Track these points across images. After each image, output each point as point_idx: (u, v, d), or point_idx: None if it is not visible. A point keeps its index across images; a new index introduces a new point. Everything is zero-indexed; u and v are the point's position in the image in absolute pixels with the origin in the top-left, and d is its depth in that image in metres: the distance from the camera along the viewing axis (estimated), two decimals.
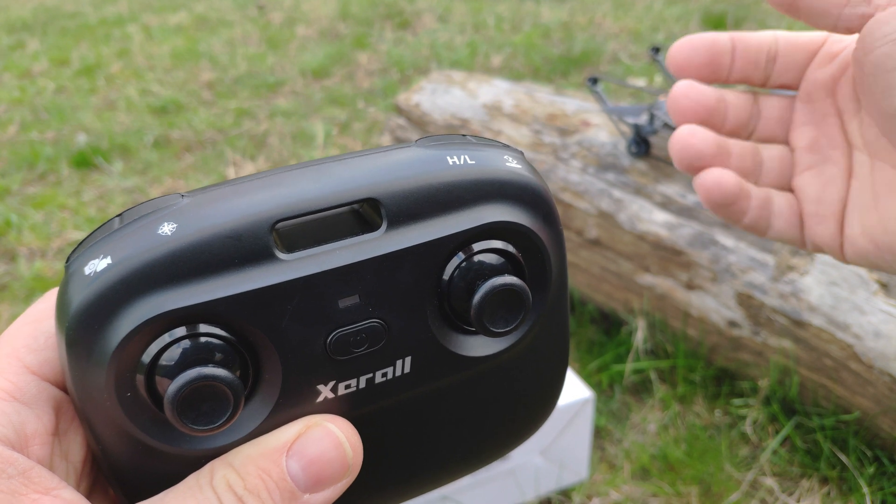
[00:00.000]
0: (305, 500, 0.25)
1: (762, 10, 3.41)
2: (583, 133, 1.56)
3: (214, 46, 3.61)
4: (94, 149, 2.56)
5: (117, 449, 0.25)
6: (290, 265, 0.24)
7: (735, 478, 1.24)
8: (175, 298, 0.23)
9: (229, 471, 0.24)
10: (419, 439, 0.30)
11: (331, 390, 0.26)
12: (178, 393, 0.23)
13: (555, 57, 3.10)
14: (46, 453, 0.25)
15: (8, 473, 0.24)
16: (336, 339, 0.26)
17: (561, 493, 1.23)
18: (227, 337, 0.24)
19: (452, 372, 0.28)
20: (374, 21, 3.80)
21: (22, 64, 3.51)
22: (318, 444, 0.25)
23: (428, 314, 0.27)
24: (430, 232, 0.26)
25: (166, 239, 0.23)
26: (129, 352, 0.23)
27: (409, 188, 0.26)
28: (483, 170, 0.28)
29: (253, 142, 2.62)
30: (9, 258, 2.01)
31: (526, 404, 0.33)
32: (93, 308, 0.23)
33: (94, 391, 0.24)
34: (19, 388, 0.25)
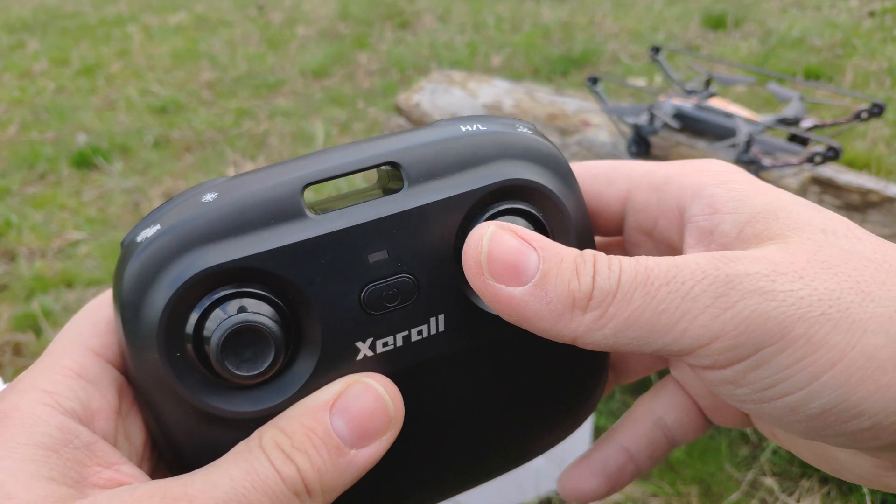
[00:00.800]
0: (352, 455, 0.26)
1: (762, 10, 3.41)
2: (583, 133, 1.56)
3: (214, 46, 3.61)
4: (94, 149, 2.56)
5: (170, 417, 0.26)
6: (319, 222, 0.26)
7: (735, 478, 1.24)
8: (217, 255, 0.25)
9: (276, 431, 0.25)
10: (463, 415, 0.31)
11: (369, 348, 0.27)
12: (221, 336, 0.25)
13: (555, 57, 3.10)
14: (111, 429, 0.27)
15: (73, 445, 0.25)
16: (369, 292, 0.27)
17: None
18: (267, 295, 0.26)
19: (486, 332, 0.29)
20: (374, 21, 3.80)
21: (22, 64, 3.51)
22: (360, 399, 0.26)
23: (457, 273, 0.28)
24: (449, 189, 0.28)
25: (208, 204, 0.26)
26: (177, 309, 0.25)
27: (426, 150, 0.28)
28: (495, 133, 0.29)
29: (253, 142, 2.62)
30: (9, 258, 2.01)
31: (570, 385, 0.33)
32: (144, 269, 0.25)
33: (146, 355, 0.25)
34: (84, 367, 0.27)
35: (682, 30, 3.31)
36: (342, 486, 0.26)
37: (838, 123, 1.38)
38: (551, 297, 0.25)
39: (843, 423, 0.24)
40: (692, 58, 2.49)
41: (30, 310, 1.76)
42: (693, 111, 1.42)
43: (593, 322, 0.25)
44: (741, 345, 0.24)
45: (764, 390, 0.25)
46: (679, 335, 0.24)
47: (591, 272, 0.25)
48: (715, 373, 0.25)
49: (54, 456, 0.24)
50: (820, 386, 0.24)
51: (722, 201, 0.28)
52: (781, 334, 0.24)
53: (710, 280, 0.24)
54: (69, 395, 0.26)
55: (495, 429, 0.32)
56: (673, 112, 1.42)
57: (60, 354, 0.27)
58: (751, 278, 0.24)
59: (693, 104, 1.43)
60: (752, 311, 0.24)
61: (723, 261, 0.25)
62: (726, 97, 1.98)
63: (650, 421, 0.36)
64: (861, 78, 2.64)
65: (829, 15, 3.26)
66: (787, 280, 0.24)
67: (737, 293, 0.24)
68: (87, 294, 1.83)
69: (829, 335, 0.24)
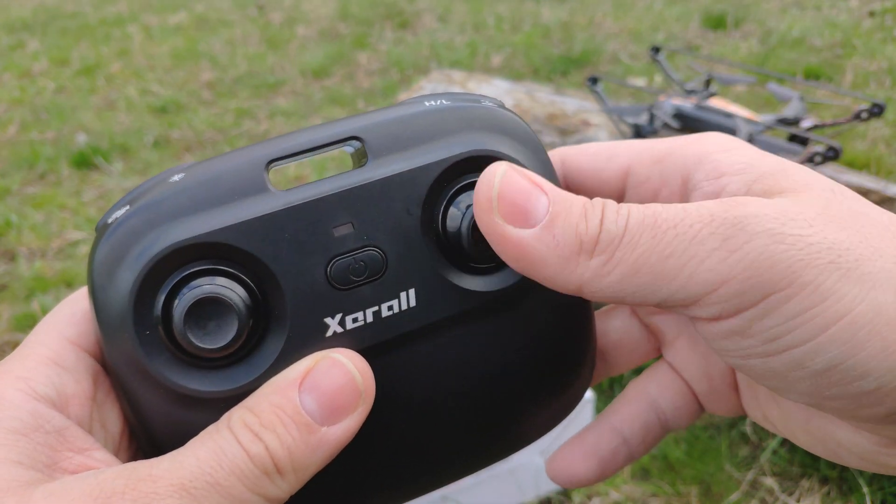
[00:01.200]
0: (323, 432, 0.25)
1: (762, 10, 3.41)
2: (583, 133, 1.57)
3: (214, 46, 3.61)
4: (94, 149, 2.56)
5: (143, 399, 0.26)
6: (283, 196, 0.26)
7: (735, 478, 1.24)
8: (183, 231, 0.25)
9: (244, 411, 0.25)
10: (440, 396, 0.30)
11: (339, 324, 0.27)
12: (183, 308, 0.25)
13: (555, 57, 3.10)
14: (86, 415, 0.26)
15: (45, 429, 0.25)
16: (335, 266, 0.27)
17: (561, 494, 1.23)
18: (234, 272, 0.26)
19: (458, 306, 0.29)
20: (374, 21, 3.80)
21: (22, 64, 3.51)
22: (328, 374, 0.26)
23: (426, 246, 0.28)
24: (413, 160, 0.28)
25: (175, 183, 0.26)
26: (145, 286, 0.25)
27: (390, 125, 0.28)
28: (460, 107, 0.29)
29: (253, 142, 2.62)
30: (9, 258, 2.01)
31: (555, 365, 0.32)
32: (114, 248, 0.25)
33: (117, 335, 0.25)
34: (59, 354, 0.27)
35: (682, 30, 3.30)
36: (314, 464, 0.25)
37: (838, 123, 1.38)
38: (558, 240, 0.25)
39: (847, 383, 0.24)
40: (692, 58, 2.49)
41: (30, 310, 1.76)
42: (693, 111, 1.42)
43: (599, 267, 0.25)
44: (748, 289, 0.24)
45: (769, 342, 0.24)
46: (685, 281, 0.24)
47: (600, 216, 0.25)
48: (721, 324, 0.25)
49: (24, 440, 0.24)
50: (827, 339, 0.23)
51: (727, 165, 0.28)
52: (790, 280, 0.23)
53: (719, 222, 0.24)
54: (43, 380, 0.26)
55: (478, 413, 0.31)
56: (673, 112, 1.42)
57: (36, 343, 0.27)
58: (759, 220, 0.24)
59: (693, 104, 1.43)
60: (760, 252, 0.23)
61: (732, 204, 0.24)
62: (726, 97, 1.98)
63: (645, 403, 0.35)
64: (861, 78, 2.64)
65: (829, 15, 3.26)
66: (797, 226, 0.24)
67: (745, 234, 0.24)
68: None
69: (838, 285, 0.23)
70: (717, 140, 0.29)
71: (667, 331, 0.36)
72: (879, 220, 0.25)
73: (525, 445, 0.33)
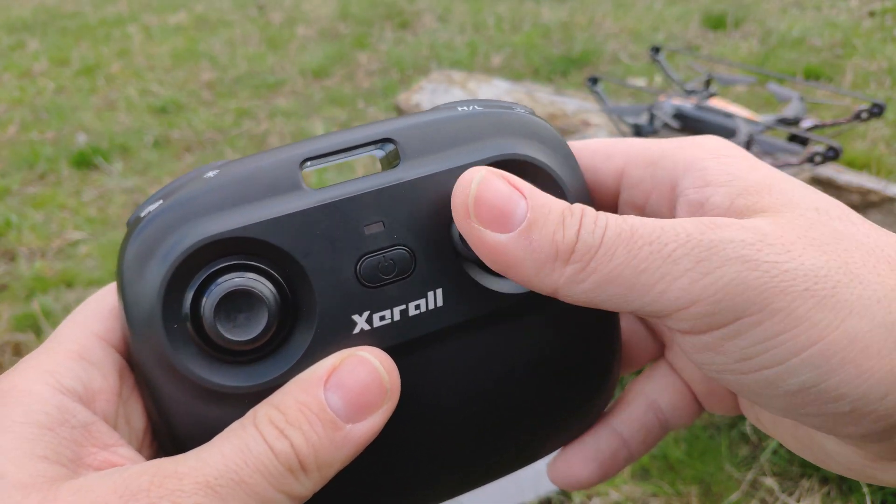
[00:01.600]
0: (348, 430, 0.25)
1: (762, 10, 3.41)
2: (583, 133, 1.57)
3: (214, 46, 3.61)
4: (94, 149, 2.56)
5: (168, 394, 0.26)
6: (316, 195, 0.27)
7: (735, 477, 1.24)
8: (215, 226, 0.25)
9: (270, 408, 0.25)
10: (466, 398, 0.30)
11: (366, 321, 0.27)
12: (214, 300, 0.25)
13: (555, 57, 3.10)
14: (112, 411, 0.26)
15: (70, 424, 0.25)
16: (364, 264, 0.27)
17: (561, 494, 1.23)
18: (264, 267, 0.26)
19: (485, 307, 0.29)
20: (374, 21, 3.80)
21: (22, 64, 3.51)
22: (354, 372, 0.26)
23: (454, 246, 0.28)
24: (446, 162, 0.28)
25: (209, 179, 0.26)
26: (175, 280, 0.25)
27: (424, 128, 0.29)
28: (492, 112, 0.30)
29: (253, 142, 2.62)
30: (9, 258, 2.01)
31: (580, 372, 0.32)
32: (147, 241, 0.26)
33: (145, 329, 0.25)
34: (86, 349, 0.27)
35: (682, 30, 3.30)
36: (339, 461, 0.25)
37: (838, 123, 1.38)
38: (535, 246, 0.25)
39: (822, 405, 0.24)
40: (692, 58, 2.49)
41: (30, 310, 1.76)
42: (693, 111, 1.42)
43: (574, 275, 0.25)
44: (719, 311, 0.24)
45: (742, 361, 0.25)
46: (657, 296, 0.24)
47: (577, 226, 0.25)
48: (693, 338, 0.25)
49: (50, 434, 0.24)
50: (799, 362, 0.23)
51: (714, 174, 0.28)
52: (761, 305, 0.23)
53: (694, 244, 0.24)
54: (70, 374, 0.26)
55: (503, 416, 0.31)
56: (673, 112, 1.42)
57: (64, 338, 0.27)
58: (734, 245, 0.24)
59: (693, 104, 1.43)
60: (731, 278, 0.23)
61: (709, 226, 0.25)
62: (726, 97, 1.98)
63: (644, 404, 0.35)
64: (861, 78, 2.64)
65: (829, 15, 3.26)
66: (773, 251, 0.24)
67: (718, 259, 0.24)
68: (86, 294, 1.83)
69: (812, 312, 0.23)
70: (710, 145, 0.29)
71: (667, 333, 0.36)
72: (864, 242, 0.25)
73: (551, 451, 0.33)
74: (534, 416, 0.31)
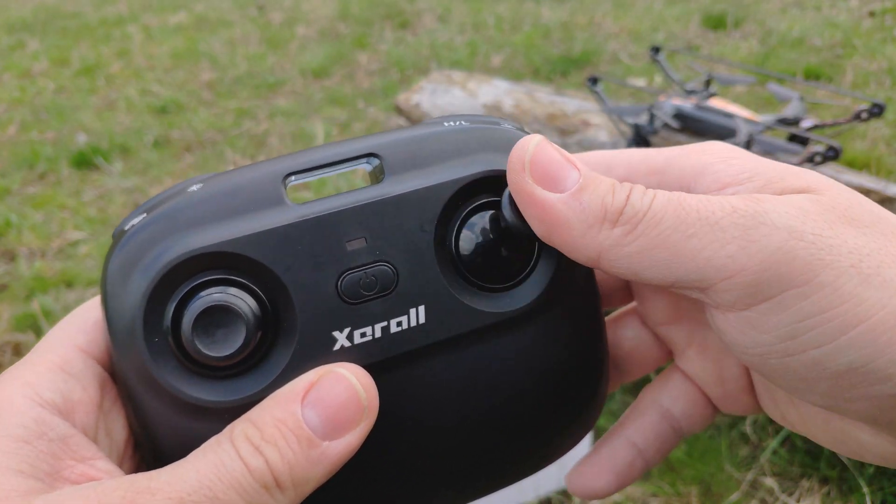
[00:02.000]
0: (325, 447, 0.25)
1: (762, 10, 3.41)
2: (583, 133, 1.56)
3: (214, 46, 3.61)
4: (94, 149, 2.56)
5: (149, 408, 0.26)
6: (298, 209, 0.27)
7: (735, 478, 1.24)
8: (197, 240, 0.25)
9: (246, 424, 0.25)
10: (447, 416, 0.29)
11: (346, 338, 0.27)
12: (192, 315, 0.25)
13: (555, 57, 3.10)
14: (91, 423, 0.27)
15: (48, 437, 0.25)
16: (346, 280, 0.27)
17: (561, 493, 1.23)
18: (245, 282, 0.26)
19: (468, 325, 0.28)
20: (374, 21, 3.80)
21: (22, 64, 3.51)
22: (332, 389, 0.26)
23: (438, 264, 0.28)
24: (429, 178, 0.28)
25: (192, 193, 0.27)
26: (157, 295, 0.25)
27: (408, 143, 0.28)
28: (478, 128, 0.30)
29: (253, 142, 2.62)
30: (9, 258, 2.01)
31: (568, 386, 0.31)
32: (129, 254, 0.26)
33: (127, 342, 0.26)
34: (67, 361, 0.27)
35: (682, 30, 3.30)
36: (315, 479, 0.25)
37: (838, 123, 1.38)
38: (584, 205, 0.25)
39: (868, 386, 0.24)
40: (692, 58, 2.49)
41: (30, 310, 1.76)
42: (693, 111, 1.42)
43: (621, 237, 0.25)
44: (764, 281, 0.24)
45: (788, 340, 0.24)
46: (703, 263, 0.24)
47: (627, 192, 0.26)
48: (737, 315, 0.25)
49: (27, 448, 0.24)
50: (846, 342, 0.23)
51: (729, 175, 0.28)
52: (807, 278, 0.23)
53: (741, 213, 0.24)
54: (49, 386, 0.26)
55: (487, 433, 0.30)
56: (673, 112, 1.42)
57: (45, 349, 0.27)
58: (781, 216, 0.24)
59: (693, 104, 1.43)
60: (778, 246, 0.23)
61: (754, 199, 0.25)
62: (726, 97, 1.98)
63: (657, 413, 0.35)
64: (861, 78, 2.64)
65: (829, 15, 3.26)
66: (817, 226, 0.24)
67: (766, 228, 0.24)
68: (86, 294, 1.83)
69: (859, 289, 0.23)
70: (715, 150, 0.29)
71: (678, 341, 0.36)
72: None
73: (540, 468, 0.33)
74: (521, 432, 0.31)
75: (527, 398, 0.30)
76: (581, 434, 0.33)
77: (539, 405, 0.31)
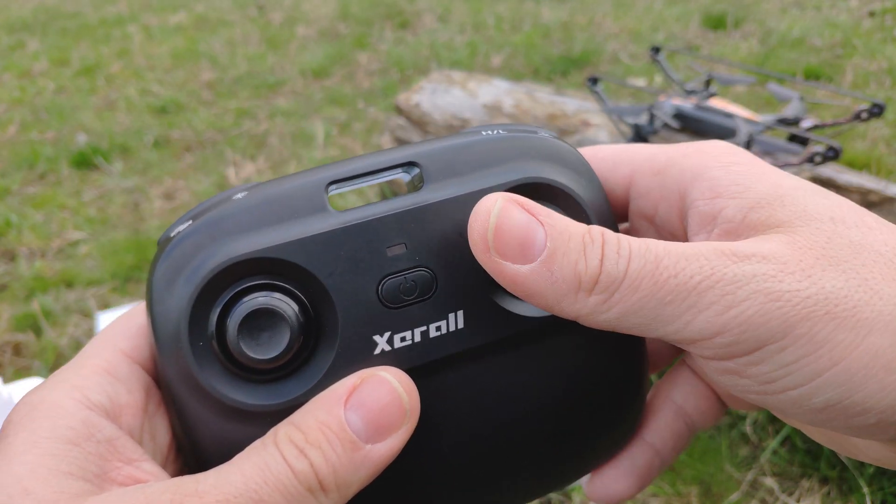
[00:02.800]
0: (368, 450, 0.25)
1: (762, 10, 3.41)
2: (583, 133, 1.56)
3: (214, 46, 3.61)
4: (94, 149, 2.56)
5: (193, 411, 0.27)
6: (341, 216, 0.27)
7: (735, 478, 1.24)
8: (242, 246, 0.26)
9: (290, 427, 0.25)
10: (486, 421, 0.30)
11: (387, 342, 0.27)
12: (238, 318, 0.26)
13: (555, 57, 3.10)
14: (137, 426, 0.27)
15: (96, 439, 0.25)
16: (386, 285, 0.27)
17: (561, 493, 1.23)
18: (288, 287, 0.27)
19: (507, 330, 0.29)
20: (374, 21, 3.80)
21: (22, 64, 3.51)
22: (374, 392, 0.26)
23: (476, 269, 0.28)
24: (469, 185, 0.28)
25: (238, 201, 0.27)
26: (202, 300, 0.26)
27: (447, 152, 0.29)
28: (516, 136, 0.30)
29: (253, 142, 2.62)
30: (9, 258, 2.01)
31: (607, 395, 0.31)
32: (176, 261, 0.26)
33: (172, 347, 0.26)
34: (113, 365, 0.27)
35: (682, 30, 3.30)
36: (358, 481, 0.25)
37: (838, 123, 1.38)
38: (556, 276, 0.25)
39: (848, 418, 0.24)
40: (692, 58, 2.49)
41: (30, 310, 1.76)
42: (693, 111, 1.42)
43: (598, 304, 0.25)
44: (743, 341, 0.24)
45: (767, 384, 0.25)
46: (682, 326, 0.25)
47: (600, 254, 0.25)
48: (717, 363, 0.26)
49: (76, 450, 0.24)
50: (822, 382, 0.24)
51: (724, 185, 0.28)
52: (784, 332, 0.24)
53: (718, 277, 0.24)
54: (97, 389, 0.26)
55: (526, 441, 0.30)
56: (673, 112, 1.42)
57: (91, 354, 0.28)
58: (757, 279, 0.24)
59: (693, 104, 1.43)
60: (755, 311, 0.24)
61: (732, 258, 0.25)
62: (726, 97, 1.98)
63: (672, 411, 0.35)
64: (861, 78, 2.64)
65: (829, 15, 3.26)
66: (794, 279, 0.24)
67: (743, 293, 0.24)
68: (87, 294, 1.83)
69: (833, 333, 0.24)
70: (715, 152, 0.29)
71: None
72: (882, 252, 0.25)
73: (582, 476, 0.33)
74: (561, 439, 0.31)
75: (566, 404, 0.31)
76: (623, 440, 0.33)
77: (579, 411, 0.31)
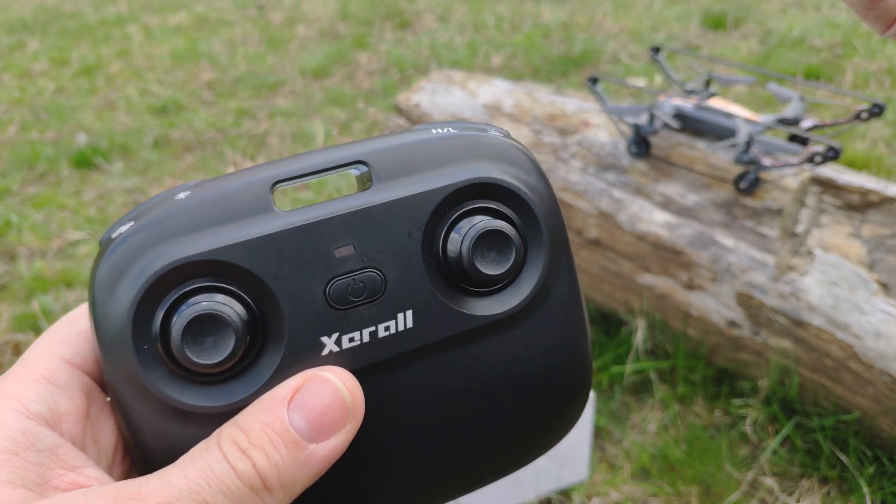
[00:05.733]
0: (311, 449, 0.25)
1: (762, 10, 3.41)
2: (583, 133, 1.56)
3: (214, 46, 3.61)
4: (94, 149, 2.56)
5: (139, 414, 0.26)
6: (287, 217, 0.27)
7: (735, 478, 1.24)
8: (185, 248, 0.26)
9: (234, 429, 0.25)
10: (437, 417, 0.30)
11: (335, 343, 0.27)
12: (182, 324, 0.25)
13: (555, 57, 3.10)
14: (79, 432, 0.27)
15: (36, 448, 0.25)
16: (335, 286, 0.27)
17: (561, 493, 1.23)
18: (233, 289, 0.26)
19: (455, 328, 0.29)
20: (374, 21, 3.80)
21: (22, 64, 3.51)
22: (316, 392, 0.26)
23: (425, 269, 0.28)
24: (417, 185, 0.28)
25: (180, 201, 0.27)
26: (145, 303, 0.25)
27: (396, 151, 0.29)
28: (466, 135, 0.30)
29: (253, 142, 2.62)
30: (9, 258, 2.01)
31: (550, 388, 0.32)
32: (117, 264, 0.26)
33: (116, 350, 0.26)
34: (52, 372, 0.27)
35: (682, 30, 3.30)
36: (303, 480, 0.25)
37: (838, 123, 1.38)
38: None
39: None
40: (692, 58, 2.49)
41: (30, 310, 1.76)
42: (693, 111, 1.42)
43: None
44: None
45: None
46: None
47: None
48: None
49: (16, 459, 0.25)
50: None
51: None
52: None
53: None
54: (36, 398, 0.26)
55: (473, 433, 0.31)
56: (673, 112, 1.42)
57: (30, 362, 0.28)
58: None
59: (693, 104, 1.43)
60: None
61: None
62: (726, 97, 1.98)
63: None
64: (861, 78, 2.64)
65: (829, 15, 3.26)
66: None
67: None
68: (86, 294, 1.83)
69: None
70: None
71: None
72: None
73: (531, 461, 0.34)
74: (510, 429, 0.32)
75: (514, 399, 0.31)
76: (570, 425, 0.34)
77: (528, 401, 0.32)
